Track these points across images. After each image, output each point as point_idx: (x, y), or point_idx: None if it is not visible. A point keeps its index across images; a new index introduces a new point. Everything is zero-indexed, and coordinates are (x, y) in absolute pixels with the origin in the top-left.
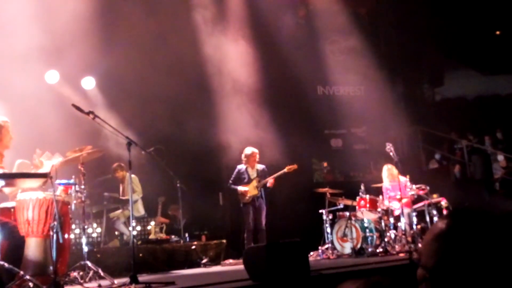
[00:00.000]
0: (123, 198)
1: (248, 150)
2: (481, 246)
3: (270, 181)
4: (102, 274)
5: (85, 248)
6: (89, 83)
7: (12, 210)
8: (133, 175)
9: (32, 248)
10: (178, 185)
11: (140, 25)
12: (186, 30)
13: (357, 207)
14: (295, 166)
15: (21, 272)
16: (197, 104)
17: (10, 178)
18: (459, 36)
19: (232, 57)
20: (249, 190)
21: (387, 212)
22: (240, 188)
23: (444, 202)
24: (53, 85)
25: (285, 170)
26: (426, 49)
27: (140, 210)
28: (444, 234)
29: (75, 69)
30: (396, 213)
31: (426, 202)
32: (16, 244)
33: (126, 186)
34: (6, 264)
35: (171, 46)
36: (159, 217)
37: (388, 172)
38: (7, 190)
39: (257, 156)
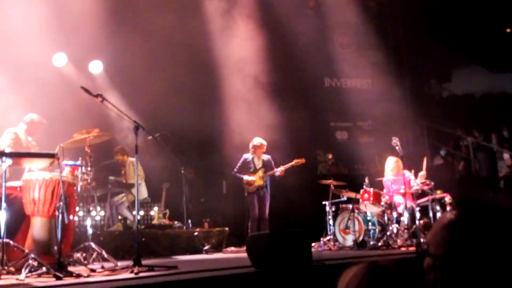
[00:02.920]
0: (127, 182)
1: (257, 140)
2: (489, 236)
3: (280, 169)
4: (105, 256)
5: (89, 230)
6: (96, 67)
7: (18, 189)
8: (133, 159)
9: (37, 228)
10: (182, 171)
11: (149, 12)
12: (194, 19)
13: (360, 200)
14: (303, 160)
15: (26, 250)
16: (203, 92)
17: (18, 157)
18: (467, 32)
19: (239, 47)
20: (255, 180)
21: (391, 206)
22: (246, 177)
23: (448, 198)
24: (61, 68)
25: (293, 163)
26: (434, 45)
27: (143, 193)
28: (453, 224)
29: (83, 52)
30: (400, 207)
31: (430, 197)
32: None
33: (127, 170)
34: (11, 242)
35: (179, 34)
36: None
37: (395, 164)
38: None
39: (265, 147)
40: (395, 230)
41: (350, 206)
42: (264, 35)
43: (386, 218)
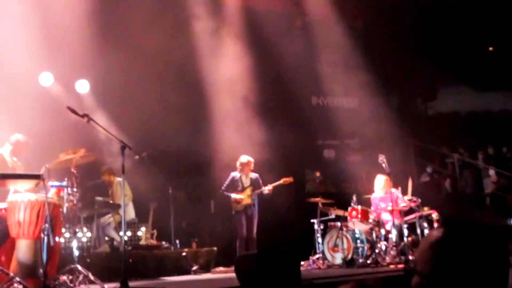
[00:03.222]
0: (114, 202)
1: (244, 158)
2: (475, 254)
3: (269, 187)
4: (92, 278)
5: (76, 252)
6: (83, 86)
7: (3, 211)
8: (120, 179)
9: (23, 250)
10: (170, 191)
11: (137, 31)
12: (183, 38)
13: (348, 218)
14: (291, 179)
15: (11, 274)
16: (190, 111)
17: (3, 178)
18: (452, 51)
19: (227, 66)
20: (243, 198)
21: (378, 223)
22: (234, 195)
23: (435, 215)
24: (47, 87)
25: (281, 182)
26: (420, 64)
27: (131, 213)
28: (439, 242)
29: (70, 71)
30: (388, 224)
31: (417, 214)
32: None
33: (114, 190)
34: None
35: (168, 53)
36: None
37: (385, 183)
38: None
39: (252, 165)
40: (383, 248)
41: (339, 224)
42: (252, 54)
43: (374, 235)
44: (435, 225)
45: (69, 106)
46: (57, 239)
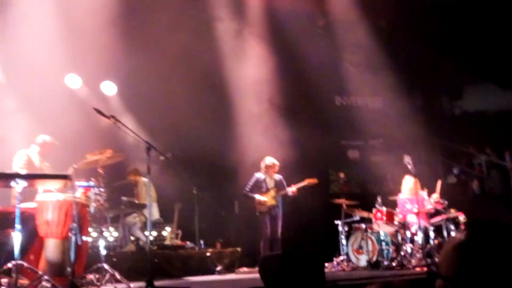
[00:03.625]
0: (140, 202)
1: (269, 160)
2: (499, 256)
3: (293, 189)
4: (118, 277)
5: (103, 251)
6: (110, 88)
7: (32, 210)
8: (146, 179)
9: (51, 249)
10: (194, 192)
11: (162, 33)
12: (207, 39)
13: (373, 219)
14: (315, 180)
15: (40, 272)
16: (215, 114)
17: (32, 179)
18: (479, 50)
19: (251, 67)
20: (267, 200)
21: (404, 226)
22: (258, 197)
23: (462, 217)
24: (74, 90)
25: (305, 183)
26: (445, 62)
27: (155, 214)
28: (463, 244)
29: (97, 73)
30: (413, 226)
31: (444, 216)
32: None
33: (139, 190)
34: (25, 264)
35: (193, 56)
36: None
37: (414, 185)
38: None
39: (277, 167)
40: (409, 250)
41: (363, 225)
42: (275, 54)
43: (400, 237)
44: (462, 227)
45: (96, 108)
46: (84, 238)
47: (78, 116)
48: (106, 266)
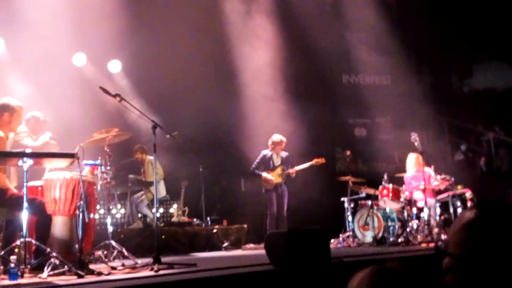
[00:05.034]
0: (146, 180)
1: (276, 137)
2: (509, 236)
3: (291, 171)
4: (126, 253)
5: (110, 228)
6: (115, 66)
7: (39, 188)
8: (152, 158)
9: (59, 226)
10: (201, 169)
11: (168, 11)
12: (214, 19)
13: (379, 196)
14: (323, 160)
15: (48, 249)
16: (222, 91)
17: (38, 157)
18: (489, 27)
19: (257, 45)
20: (273, 178)
21: (410, 202)
22: (265, 174)
23: (468, 194)
24: (80, 68)
25: (313, 162)
26: (455, 40)
27: (162, 191)
28: (472, 223)
29: (102, 52)
30: (420, 203)
31: (450, 193)
32: (43, 220)
33: (146, 168)
34: (33, 241)
35: (198, 34)
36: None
37: (416, 161)
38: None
39: (284, 144)
40: (415, 226)
41: (369, 202)
42: (282, 33)
43: (406, 214)
44: (469, 204)
45: (102, 86)
46: (91, 215)
47: (85, 95)
48: (113, 243)
